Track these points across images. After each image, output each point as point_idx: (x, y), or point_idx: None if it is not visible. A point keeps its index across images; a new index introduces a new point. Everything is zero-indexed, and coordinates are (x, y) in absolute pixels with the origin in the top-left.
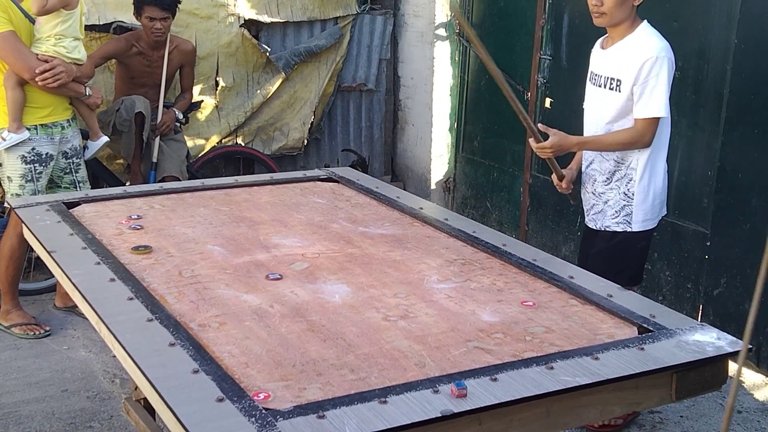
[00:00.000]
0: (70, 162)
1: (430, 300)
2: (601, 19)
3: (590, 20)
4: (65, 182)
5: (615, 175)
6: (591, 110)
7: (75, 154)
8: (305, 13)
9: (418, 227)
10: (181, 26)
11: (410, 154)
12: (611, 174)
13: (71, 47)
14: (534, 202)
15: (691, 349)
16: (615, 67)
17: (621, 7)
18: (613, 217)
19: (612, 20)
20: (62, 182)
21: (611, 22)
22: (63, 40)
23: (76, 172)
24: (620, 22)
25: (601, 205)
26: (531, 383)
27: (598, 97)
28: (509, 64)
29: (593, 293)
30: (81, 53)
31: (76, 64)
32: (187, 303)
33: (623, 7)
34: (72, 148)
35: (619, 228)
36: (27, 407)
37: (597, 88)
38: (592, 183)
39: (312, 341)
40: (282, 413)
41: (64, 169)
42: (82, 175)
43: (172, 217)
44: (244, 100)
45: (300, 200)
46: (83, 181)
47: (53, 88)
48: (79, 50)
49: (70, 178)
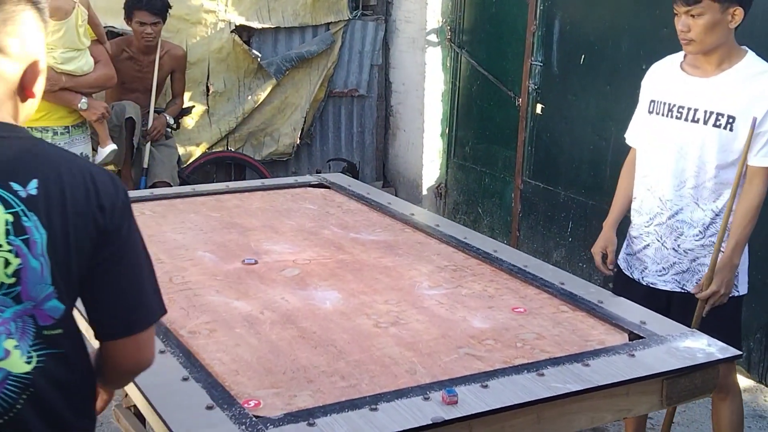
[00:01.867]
0: None
1: (421, 306)
2: (690, 47)
3: (581, 26)
4: None
5: (710, 228)
6: (678, 149)
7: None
8: (296, 19)
9: (409, 233)
10: (172, 31)
11: (402, 160)
12: (705, 227)
13: (63, 58)
14: (525, 208)
15: (681, 356)
16: (722, 101)
17: (712, 31)
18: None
19: (703, 47)
20: None
21: (703, 49)
22: (54, 50)
23: None
24: (715, 48)
25: (686, 263)
26: (522, 390)
27: (688, 133)
28: (500, 70)
29: (584, 299)
30: (76, 65)
31: (69, 75)
32: (177, 310)
33: (715, 31)
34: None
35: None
36: None
37: (684, 122)
38: (675, 237)
39: (302, 348)
40: (272, 421)
41: None
42: None
43: (162, 223)
44: (235, 106)
45: (291, 206)
46: None
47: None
48: (75, 62)
49: None
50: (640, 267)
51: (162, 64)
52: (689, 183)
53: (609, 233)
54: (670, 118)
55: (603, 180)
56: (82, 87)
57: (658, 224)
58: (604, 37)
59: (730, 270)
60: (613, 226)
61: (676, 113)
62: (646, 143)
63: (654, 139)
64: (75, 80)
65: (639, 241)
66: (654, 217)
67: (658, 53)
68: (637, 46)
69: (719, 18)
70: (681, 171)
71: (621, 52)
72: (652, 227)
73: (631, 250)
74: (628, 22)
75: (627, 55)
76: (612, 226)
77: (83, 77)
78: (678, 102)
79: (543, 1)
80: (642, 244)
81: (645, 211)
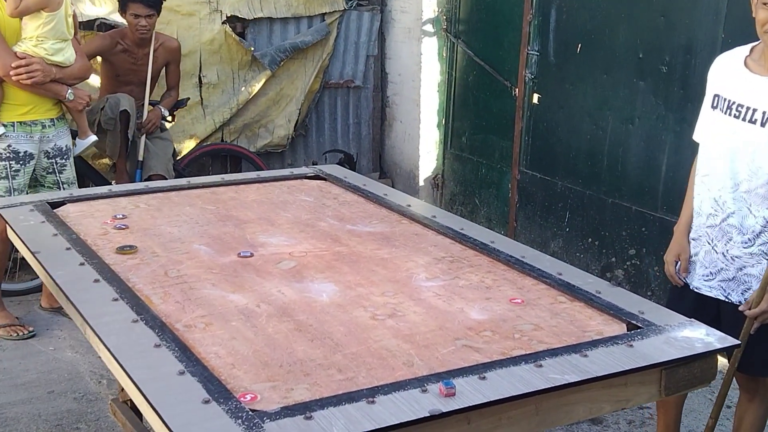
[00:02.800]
0: (52, 162)
1: (418, 298)
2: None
3: (577, 15)
4: (48, 182)
5: (761, 237)
6: (732, 150)
7: (58, 154)
8: (289, 10)
9: (406, 225)
10: (163, 23)
11: (398, 151)
12: (756, 235)
13: (53, 50)
14: (522, 198)
15: (680, 346)
16: None
17: None
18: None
19: None
20: (45, 182)
21: None
22: (45, 41)
23: (60, 172)
24: None
25: (732, 271)
26: (520, 381)
27: (744, 133)
28: (497, 60)
29: (582, 290)
30: (65, 56)
31: (58, 66)
32: (172, 303)
33: None
34: (55, 148)
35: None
36: (13, 409)
37: (744, 123)
38: (725, 242)
39: (299, 341)
40: (269, 414)
41: (46, 168)
42: (67, 176)
43: (157, 217)
44: (229, 98)
45: (287, 198)
46: (68, 182)
47: (27, 85)
48: (63, 53)
49: (53, 178)
50: (692, 271)
51: (156, 57)
52: (743, 186)
53: (682, 240)
54: (729, 116)
55: (600, 170)
56: (69, 78)
57: (710, 226)
58: (601, 26)
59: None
60: (685, 231)
61: (735, 111)
62: (708, 140)
63: (715, 136)
64: (62, 71)
65: (696, 244)
66: (708, 218)
67: (654, 42)
68: (634, 35)
69: None
70: (735, 173)
71: (618, 41)
72: (705, 229)
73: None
74: (625, 11)
75: (624, 44)
76: (684, 232)
77: (69, 68)
78: (738, 100)
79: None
80: (698, 246)
81: (704, 212)
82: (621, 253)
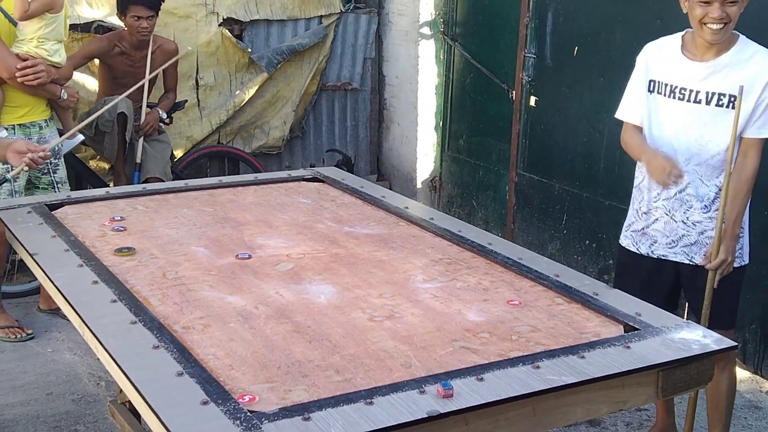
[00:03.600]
0: (47, 162)
1: (415, 300)
2: (720, 34)
3: (574, 18)
4: (43, 183)
5: (715, 203)
6: (680, 129)
7: (53, 154)
8: (285, 12)
9: (403, 227)
10: (160, 25)
11: (396, 153)
12: (711, 201)
13: (52, 50)
14: (520, 201)
15: (677, 347)
16: (722, 82)
17: (736, 19)
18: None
19: (728, 33)
20: (40, 183)
21: (727, 35)
22: (45, 42)
23: (54, 172)
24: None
25: (694, 236)
26: (517, 383)
27: (691, 113)
28: (494, 62)
29: (579, 291)
30: (61, 57)
31: (54, 67)
32: (171, 305)
33: (737, 19)
34: (50, 148)
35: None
36: (11, 411)
37: (689, 104)
38: (684, 211)
39: (297, 342)
40: (267, 415)
41: (41, 169)
42: (60, 176)
43: (155, 219)
44: (226, 100)
45: (285, 200)
46: (62, 182)
47: (30, 87)
48: (59, 54)
49: (48, 179)
50: (648, 242)
51: (154, 59)
52: (694, 160)
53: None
54: (673, 98)
55: (597, 172)
56: (62, 78)
57: (665, 198)
58: (598, 29)
59: (733, 239)
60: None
61: (679, 94)
62: (650, 121)
63: (655, 117)
64: (58, 72)
65: (648, 216)
66: (661, 192)
67: None
68: (631, 38)
69: (742, 6)
70: (685, 149)
71: (614, 43)
72: (660, 202)
73: (638, 227)
74: (621, 14)
75: (620, 47)
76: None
77: (62, 69)
78: (680, 84)
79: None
80: (651, 218)
81: (653, 187)
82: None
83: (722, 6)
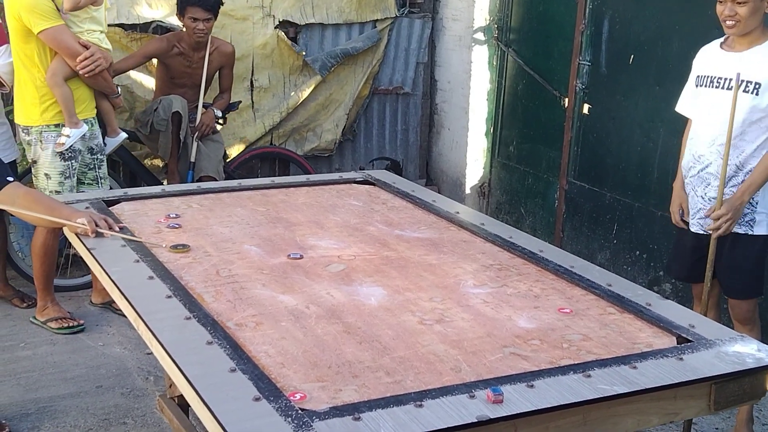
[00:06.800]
0: (95, 158)
1: (466, 305)
2: (733, 29)
3: (630, 26)
4: (88, 178)
5: (732, 180)
6: (712, 114)
7: (99, 150)
8: (341, 16)
9: (454, 231)
10: (217, 27)
11: (445, 158)
12: (729, 179)
13: (101, 38)
14: (569, 209)
15: (730, 360)
16: (750, 71)
17: (754, 15)
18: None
19: (745, 28)
20: (86, 178)
21: (744, 30)
22: (92, 33)
23: (99, 168)
24: (752, 30)
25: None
26: (568, 391)
27: (722, 100)
28: (547, 69)
29: (632, 302)
30: (107, 44)
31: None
32: (224, 302)
33: (756, 15)
34: (98, 144)
35: (741, 230)
36: (62, 402)
37: (720, 90)
38: (703, 187)
39: (348, 343)
40: (318, 414)
41: (88, 164)
42: (104, 172)
43: (209, 217)
44: (279, 101)
45: (336, 202)
46: (105, 177)
47: (91, 78)
48: (105, 42)
49: (93, 174)
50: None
51: (211, 60)
52: (718, 140)
53: (680, 192)
54: (711, 88)
55: (650, 182)
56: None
57: (691, 176)
58: (654, 38)
59: (739, 202)
60: (682, 185)
61: (716, 83)
62: (694, 111)
63: (699, 107)
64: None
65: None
66: (689, 171)
67: None
68: (688, 47)
69: (758, 5)
70: (713, 130)
71: (671, 52)
72: (689, 179)
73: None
74: (679, 22)
75: (677, 56)
76: (681, 186)
77: (116, 63)
78: (717, 74)
79: (592, 0)
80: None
81: (686, 168)
82: None
83: (733, 5)
